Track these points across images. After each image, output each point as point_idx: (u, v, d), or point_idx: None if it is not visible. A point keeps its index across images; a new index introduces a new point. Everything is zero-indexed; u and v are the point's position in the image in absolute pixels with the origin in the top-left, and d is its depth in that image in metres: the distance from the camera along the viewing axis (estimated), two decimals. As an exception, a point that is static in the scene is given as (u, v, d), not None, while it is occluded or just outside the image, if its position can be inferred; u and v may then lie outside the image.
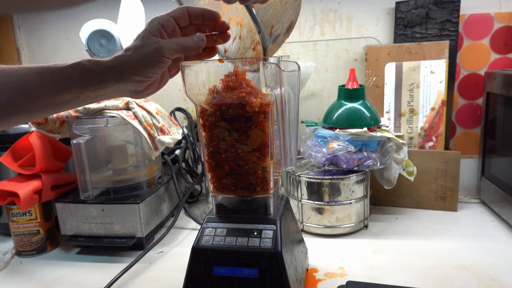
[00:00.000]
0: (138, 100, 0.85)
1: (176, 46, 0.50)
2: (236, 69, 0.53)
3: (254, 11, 0.46)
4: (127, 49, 0.50)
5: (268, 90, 0.52)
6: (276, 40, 0.56)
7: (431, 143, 0.97)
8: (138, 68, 0.50)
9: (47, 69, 0.50)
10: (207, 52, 0.57)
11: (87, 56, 0.87)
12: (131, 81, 0.51)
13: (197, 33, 0.53)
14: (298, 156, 0.92)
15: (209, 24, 0.54)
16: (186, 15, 0.52)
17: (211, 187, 0.60)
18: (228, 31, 0.55)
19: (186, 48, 0.51)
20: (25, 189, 0.76)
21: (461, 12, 0.95)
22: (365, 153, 0.82)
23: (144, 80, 0.51)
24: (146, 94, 0.55)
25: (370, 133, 0.82)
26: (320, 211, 0.83)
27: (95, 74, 0.50)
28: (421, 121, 0.96)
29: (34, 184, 0.78)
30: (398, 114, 0.98)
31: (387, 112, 0.99)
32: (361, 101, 0.87)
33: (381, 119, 0.90)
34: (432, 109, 0.95)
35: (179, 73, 0.56)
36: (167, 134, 0.87)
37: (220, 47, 0.56)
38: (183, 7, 0.52)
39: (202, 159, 0.60)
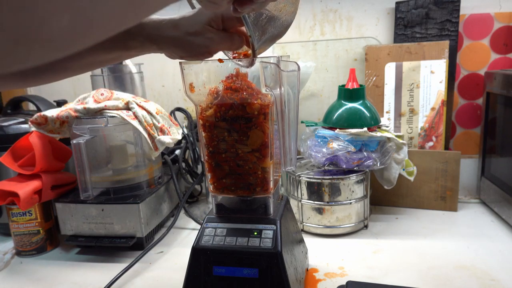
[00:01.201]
0: (138, 100, 0.85)
1: (227, 42, 0.51)
2: (237, 71, 0.54)
3: (247, 18, 0.46)
4: (181, 27, 0.49)
5: (267, 90, 0.52)
6: (265, 43, 0.56)
7: (431, 143, 0.97)
8: (183, 52, 0.51)
9: None
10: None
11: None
12: (175, 57, 0.53)
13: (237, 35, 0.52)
14: (298, 156, 0.92)
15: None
16: (219, 19, 0.51)
17: (211, 187, 0.60)
18: None
19: (233, 47, 0.53)
20: (25, 189, 0.76)
21: (461, 12, 0.95)
22: (365, 153, 0.82)
23: (187, 57, 0.53)
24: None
25: (370, 133, 0.82)
26: (320, 211, 0.83)
27: (138, 43, 0.50)
28: (421, 121, 0.96)
29: (34, 184, 0.78)
30: (398, 114, 0.98)
31: (387, 112, 0.99)
32: (361, 101, 0.87)
33: (381, 119, 0.90)
34: (432, 109, 0.95)
35: (179, 73, 0.56)
36: (167, 134, 0.87)
37: None
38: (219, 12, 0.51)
39: (202, 159, 0.60)
